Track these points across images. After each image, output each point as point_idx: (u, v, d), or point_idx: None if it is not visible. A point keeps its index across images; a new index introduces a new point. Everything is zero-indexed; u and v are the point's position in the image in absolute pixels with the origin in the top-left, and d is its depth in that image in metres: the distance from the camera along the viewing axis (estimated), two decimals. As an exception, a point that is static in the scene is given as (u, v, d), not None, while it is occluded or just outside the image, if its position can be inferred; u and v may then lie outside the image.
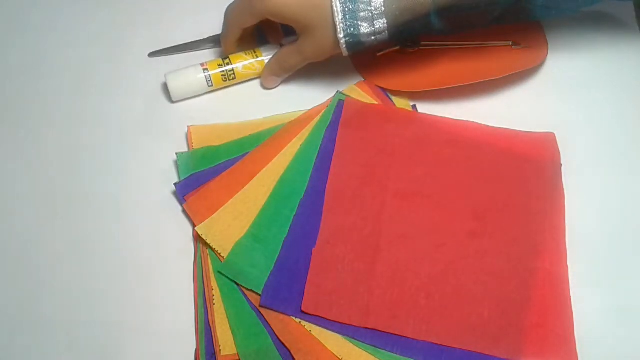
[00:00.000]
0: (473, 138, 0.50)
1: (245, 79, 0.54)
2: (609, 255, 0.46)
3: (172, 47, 0.56)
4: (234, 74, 0.53)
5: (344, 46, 0.47)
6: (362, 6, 0.46)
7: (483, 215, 0.46)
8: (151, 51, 0.56)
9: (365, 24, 0.46)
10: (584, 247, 0.45)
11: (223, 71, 0.52)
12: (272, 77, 0.53)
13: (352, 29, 0.46)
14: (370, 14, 0.46)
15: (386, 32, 0.47)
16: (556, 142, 0.50)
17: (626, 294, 0.44)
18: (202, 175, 0.47)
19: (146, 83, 0.54)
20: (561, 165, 0.49)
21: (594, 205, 0.48)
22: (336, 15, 0.46)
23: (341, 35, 0.47)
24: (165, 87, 0.53)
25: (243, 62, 0.53)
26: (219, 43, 0.56)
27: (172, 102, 0.53)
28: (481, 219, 0.46)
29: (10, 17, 0.59)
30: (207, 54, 0.56)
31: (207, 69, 0.52)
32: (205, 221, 0.45)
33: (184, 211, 0.47)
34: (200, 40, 0.56)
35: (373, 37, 0.47)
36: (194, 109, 0.53)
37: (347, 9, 0.46)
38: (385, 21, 0.46)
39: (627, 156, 0.50)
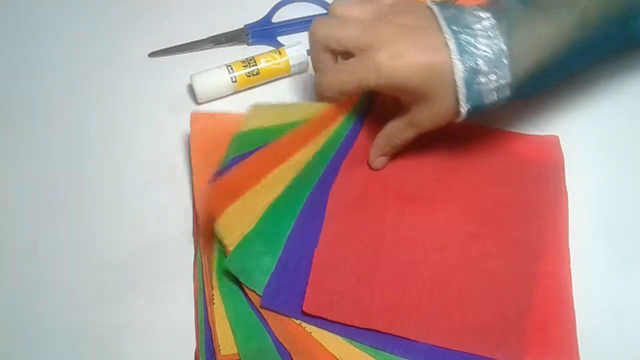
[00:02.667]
0: (475, 140, 0.50)
1: (269, 79, 0.54)
2: (612, 259, 0.45)
3: (172, 47, 0.56)
4: (258, 73, 0.52)
5: (464, 116, 0.42)
6: (486, 78, 0.41)
7: (485, 218, 0.46)
8: (151, 51, 0.56)
9: (489, 95, 0.41)
10: (586, 251, 0.45)
11: (248, 71, 0.52)
12: (381, 157, 0.47)
13: (475, 100, 0.41)
14: (495, 86, 0.41)
15: (505, 100, 0.42)
16: (560, 145, 0.50)
17: (628, 298, 0.44)
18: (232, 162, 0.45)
19: (146, 83, 0.54)
20: (564, 168, 0.49)
21: (597, 209, 0.47)
22: (459, 85, 0.40)
23: (464, 106, 0.41)
24: (166, 87, 0.54)
25: (268, 62, 0.52)
26: (219, 43, 0.56)
27: (198, 103, 0.53)
28: (483, 221, 0.46)
29: (10, 17, 0.59)
30: (207, 54, 0.56)
31: (232, 69, 0.52)
32: (220, 217, 0.43)
33: (184, 211, 0.47)
34: (200, 40, 0.56)
35: (494, 105, 0.42)
36: (194, 109, 0.53)
37: (470, 79, 0.40)
38: (509, 89, 0.42)
39: (631, 160, 0.50)
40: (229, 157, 0.45)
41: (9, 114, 0.53)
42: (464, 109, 0.41)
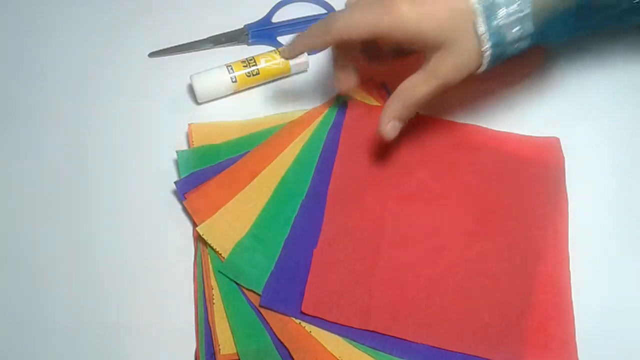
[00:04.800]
0: (476, 141, 0.50)
1: (269, 79, 0.54)
2: (611, 260, 0.45)
3: (172, 47, 0.56)
4: (258, 73, 0.53)
5: (488, 59, 0.41)
6: (506, 10, 0.39)
7: (485, 219, 0.46)
8: (151, 51, 0.56)
9: (512, 29, 0.40)
10: (586, 252, 0.45)
11: (248, 71, 0.52)
12: (393, 122, 0.44)
13: (498, 37, 0.40)
14: (516, 17, 0.40)
15: (529, 37, 0.41)
16: (560, 147, 0.49)
17: (628, 298, 0.44)
18: (203, 174, 0.47)
19: (146, 83, 0.54)
20: (565, 169, 0.48)
21: (597, 210, 0.47)
22: (479, 22, 0.40)
23: (487, 46, 0.40)
24: (166, 87, 0.54)
25: (268, 62, 0.52)
26: (219, 43, 0.56)
27: (198, 103, 0.53)
28: (483, 222, 0.46)
29: (11, 17, 0.59)
30: (207, 54, 0.56)
31: (232, 69, 0.52)
32: (206, 221, 0.45)
33: (184, 210, 0.47)
34: (200, 40, 0.56)
35: (516, 45, 0.41)
36: (194, 109, 0.53)
37: (490, 13, 0.39)
38: (532, 24, 0.40)
39: (632, 162, 0.50)
40: (186, 172, 0.47)
41: (8, 114, 0.53)
42: (486, 46, 0.40)
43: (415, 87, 0.43)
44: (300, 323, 0.42)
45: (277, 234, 0.45)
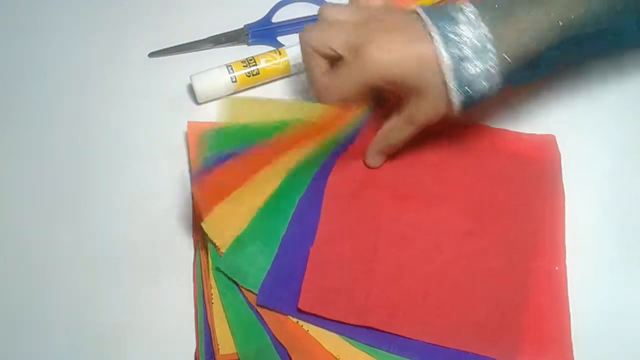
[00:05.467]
0: (473, 139, 0.50)
1: (269, 79, 0.54)
2: (608, 256, 0.45)
3: (172, 47, 0.56)
4: (258, 73, 0.53)
5: (458, 106, 0.42)
6: (474, 64, 0.41)
7: (482, 216, 0.46)
8: (151, 51, 0.56)
9: (480, 81, 0.41)
10: (583, 249, 0.45)
11: (248, 71, 0.52)
12: (379, 155, 0.47)
13: (466, 88, 0.41)
14: (484, 71, 0.41)
15: (500, 85, 0.42)
16: (556, 144, 0.50)
17: (624, 295, 0.44)
18: (218, 159, 0.44)
19: (146, 83, 0.54)
20: (561, 166, 0.49)
21: (593, 207, 0.47)
22: (447, 74, 0.41)
23: (456, 96, 0.41)
24: (166, 87, 0.54)
25: (268, 62, 0.52)
26: (219, 43, 0.56)
27: (198, 103, 0.53)
28: (480, 219, 0.46)
29: (11, 17, 0.59)
30: (207, 54, 0.56)
31: (232, 69, 0.52)
32: (209, 216, 0.44)
33: (183, 210, 0.47)
34: (200, 40, 0.56)
35: (487, 93, 0.42)
36: (194, 109, 0.53)
37: (458, 66, 0.40)
38: (501, 76, 0.42)
39: (628, 158, 0.50)
40: (206, 155, 0.45)
41: (8, 114, 0.53)
42: (455, 97, 0.42)
43: (396, 132, 0.46)
44: (297, 322, 0.42)
45: (276, 232, 0.44)
